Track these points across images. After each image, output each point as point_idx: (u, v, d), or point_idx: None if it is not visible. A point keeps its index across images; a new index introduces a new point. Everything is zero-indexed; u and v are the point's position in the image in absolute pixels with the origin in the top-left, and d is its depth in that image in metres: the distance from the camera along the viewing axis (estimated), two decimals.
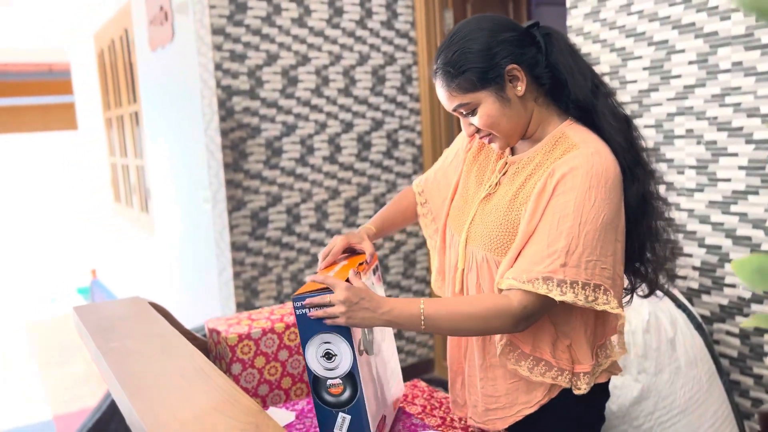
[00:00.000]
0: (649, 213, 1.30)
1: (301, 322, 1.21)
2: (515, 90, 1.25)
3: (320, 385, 1.25)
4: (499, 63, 1.23)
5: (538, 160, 1.28)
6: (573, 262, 1.16)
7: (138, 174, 4.99)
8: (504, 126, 1.27)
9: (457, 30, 1.27)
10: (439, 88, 1.28)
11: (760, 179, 1.99)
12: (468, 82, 1.23)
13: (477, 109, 1.26)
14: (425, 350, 3.73)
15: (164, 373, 1.15)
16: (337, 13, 3.27)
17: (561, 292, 1.16)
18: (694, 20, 2.10)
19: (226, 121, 3.04)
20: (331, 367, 1.23)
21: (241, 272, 3.14)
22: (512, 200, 1.28)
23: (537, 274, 1.17)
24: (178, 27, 3.46)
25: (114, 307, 1.64)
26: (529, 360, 1.28)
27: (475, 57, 1.23)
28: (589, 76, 1.28)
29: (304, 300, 1.20)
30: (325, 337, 1.21)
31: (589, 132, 1.26)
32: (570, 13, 2.52)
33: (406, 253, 3.61)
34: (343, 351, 1.22)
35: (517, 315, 1.18)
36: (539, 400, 1.30)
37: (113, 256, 6.39)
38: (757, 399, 2.07)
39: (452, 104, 1.27)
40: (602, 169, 1.19)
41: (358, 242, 1.44)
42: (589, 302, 1.18)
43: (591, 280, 1.17)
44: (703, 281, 2.19)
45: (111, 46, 5.21)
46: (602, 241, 1.18)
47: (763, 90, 1.94)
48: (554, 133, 1.28)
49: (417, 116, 3.56)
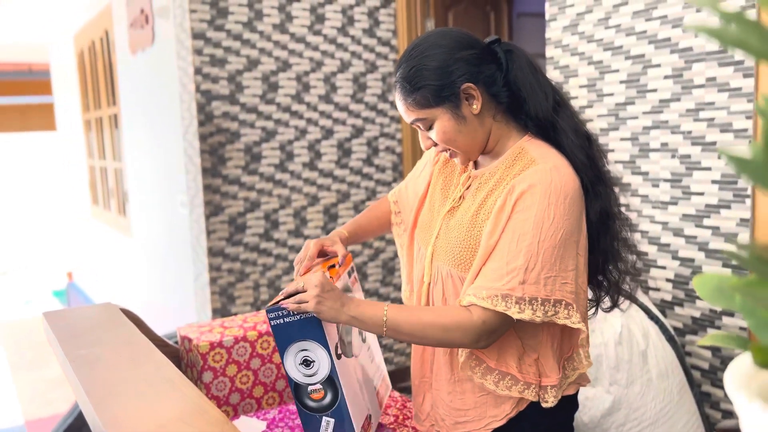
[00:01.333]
0: (611, 229, 1.30)
1: (277, 332, 1.22)
2: (471, 108, 1.26)
3: (302, 392, 1.26)
4: (455, 81, 1.23)
5: (498, 175, 1.28)
6: (532, 279, 1.17)
7: (116, 177, 4.94)
8: (460, 143, 1.28)
9: (416, 45, 1.27)
10: (398, 101, 1.30)
11: (732, 194, 2.01)
12: (423, 98, 1.24)
13: (433, 125, 1.27)
14: (402, 358, 3.72)
15: (131, 381, 1.13)
16: (318, 20, 3.27)
17: (519, 309, 1.16)
18: (669, 35, 2.13)
19: (205, 126, 3.03)
20: (311, 374, 1.24)
21: (218, 278, 3.12)
22: (474, 216, 1.29)
23: (496, 291, 1.17)
24: (158, 30, 3.44)
25: (84, 314, 1.62)
26: (495, 374, 1.28)
27: (431, 74, 1.23)
28: (551, 93, 1.29)
29: (278, 310, 1.20)
30: (301, 345, 1.23)
31: (548, 147, 1.26)
32: (549, 25, 2.54)
33: (385, 261, 3.61)
34: (320, 357, 1.23)
35: (477, 329, 1.19)
36: (508, 413, 1.30)
37: (90, 259, 6.31)
38: (728, 411, 2.09)
39: (409, 118, 1.29)
40: (561, 185, 1.19)
41: (330, 245, 1.44)
42: (549, 317, 1.18)
43: (551, 296, 1.17)
44: (676, 293, 2.21)
45: (91, 47, 5.17)
46: (561, 256, 1.18)
47: (736, 106, 1.97)
48: (514, 148, 1.29)
49: (397, 124, 3.56)
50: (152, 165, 3.88)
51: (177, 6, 3.06)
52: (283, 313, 1.21)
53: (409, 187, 1.57)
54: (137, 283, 4.62)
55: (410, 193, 1.56)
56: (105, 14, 4.51)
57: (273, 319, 1.21)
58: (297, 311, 1.22)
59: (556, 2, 2.50)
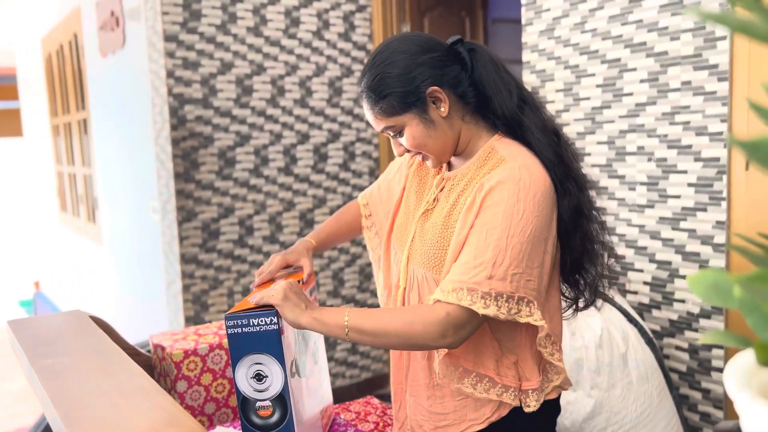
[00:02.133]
0: (583, 227, 1.29)
1: (233, 341, 1.18)
2: (439, 111, 1.25)
3: (249, 407, 1.21)
4: (419, 87, 1.22)
5: (470, 176, 1.28)
6: (499, 275, 1.15)
7: (86, 183, 4.84)
8: (431, 146, 1.27)
9: (378, 52, 1.27)
10: (365, 110, 1.29)
11: (708, 196, 2.02)
12: (390, 106, 1.23)
13: (403, 131, 1.26)
14: (379, 365, 3.69)
15: (102, 391, 1.09)
16: (293, 23, 3.24)
17: (484, 304, 1.14)
18: (645, 40, 2.14)
19: (177, 130, 2.97)
20: (261, 389, 1.20)
21: (191, 285, 3.06)
22: (447, 217, 1.28)
23: (462, 285, 1.15)
24: (129, 33, 3.37)
25: (52, 322, 1.56)
26: (472, 376, 1.26)
27: (395, 81, 1.22)
28: (515, 91, 1.27)
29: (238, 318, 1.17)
30: (256, 357, 1.19)
31: (518, 145, 1.26)
32: (525, 30, 2.54)
33: (362, 267, 3.57)
34: (274, 373, 1.19)
35: (441, 322, 1.15)
36: (488, 417, 1.28)
37: (58, 268, 6.17)
38: (706, 413, 2.10)
39: (379, 126, 1.28)
40: (530, 182, 1.18)
41: (295, 260, 1.42)
42: (512, 315, 1.16)
43: (515, 292, 1.16)
44: (653, 296, 2.21)
45: (59, 51, 5.06)
46: (529, 253, 1.17)
47: (711, 109, 1.99)
48: (485, 148, 1.28)
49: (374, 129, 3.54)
50: (123, 170, 3.80)
51: (149, 8, 3.01)
52: (243, 322, 1.18)
53: (381, 190, 1.55)
54: (107, 291, 4.52)
55: (383, 196, 1.55)
56: (73, 17, 4.42)
57: (231, 327, 1.18)
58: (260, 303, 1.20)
59: (533, 7, 2.50)
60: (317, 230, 1.54)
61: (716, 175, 2.00)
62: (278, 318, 1.17)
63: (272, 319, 1.16)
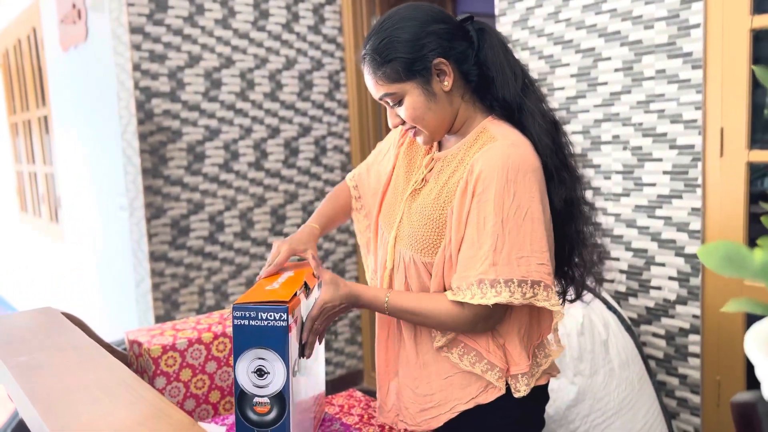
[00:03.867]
0: (576, 217, 1.29)
1: (238, 333, 1.14)
2: (442, 84, 1.23)
3: (246, 402, 1.17)
4: (427, 55, 1.20)
5: (460, 156, 1.26)
6: (503, 260, 1.14)
7: (47, 182, 4.70)
8: (429, 120, 1.24)
9: (388, 17, 1.24)
10: (367, 75, 1.25)
11: (683, 183, 2.04)
12: (394, 72, 1.21)
13: (403, 101, 1.23)
14: (354, 361, 3.66)
15: (81, 387, 1.03)
16: (262, 15, 3.19)
17: (496, 292, 1.14)
18: (619, 29, 2.15)
19: (144, 125, 2.89)
20: (262, 385, 1.16)
21: (161, 284, 2.98)
22: (436, 199, 1.26)
23: (471, 280, 1.16)
24: (92, 25, 3.28)
25: (22, 319, 1.49)
26: (461, 346, 1.26)
27: (403, 47, 1.20)
28: (520, 75, 1.27)
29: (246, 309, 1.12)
30: (260, 352, 1.14)
31: (510, 127, 1.25)
32: (499, 20, 2.54)
33: (335, 263, 3.54)
34: (276, 370, 1.14)
35: (470, 320, 1.21)
36: (473, 397, 1.27)
37: (18, 269, 5.99)
38: (683, 398, 2.12)
39: (378, 93, 1.25)
40: (519, 161, 1.17)
41: (303, 250, 1.37)
42: (527, 299, 1.15)
43: (527, 276, 1.15)
44: (630, 284, 2.23)
45: (17, 46, 4.91)
46: (530, 235, 1.16)
47: (685, 97, 2.00)
48: (476, 129, 1.27)
49: (345, 123, 3.51)
50: (88, 167, 3.70)
51: None
52: (251, 314, 1.13)
53: (371, 171, 1.52)
54: (72, 292, 4.39)
55: (372, 177, 1.52)
56: (32, 10, 4.29)
57: (238, 318, 1.13)
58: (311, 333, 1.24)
59: None
60: (318, 214, 1.49)
61: (691, 162, 2.02)
62: (287, 314, 1.13)
63: (281, 315, 1.12)
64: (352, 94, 3.47)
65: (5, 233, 6.35)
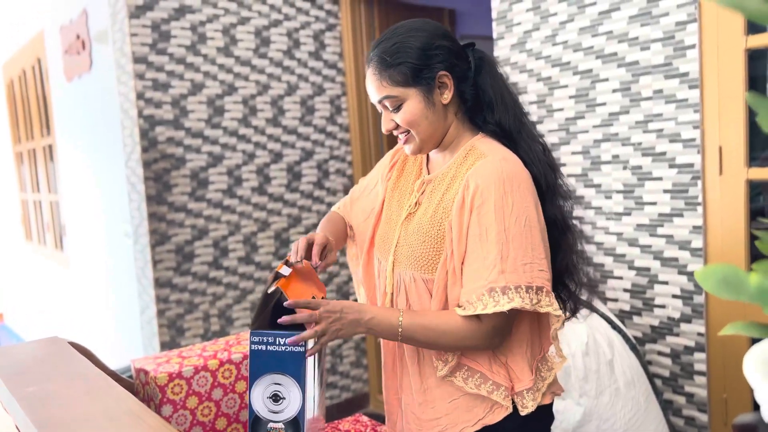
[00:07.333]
0: (566, 239, 1.34)
1: (255, 358, 1.15)
2: (441, 97, 1.28)
3: (260, 427, 1.18)
4: (434, 66, 1.26)
5: (452, 174, 1.30)
6: (510, 267, 1.18)
7: (52, 210, 4.73)
8: (423, 127, 1.28)
9: (401, 25, 1.30)
10: (371, 76, 1.29)
11: (683, 202, 2.06)
12: (401, 75, 1.25)
13: (402, 105, 1.27)
14: (360, 384, 3.65)
15: (89, 417, 1.04)
16: (264, 42, 3.23)
17: (508, 299, 1.17)
18: (616, 50, 2.18)
19: (148, 152, 2.92)
20: (277, 410, 1.17)
21: (166, 310, 2.99)
22: (432, 216, 1.29)
23: (482, 290, 1.18)
24: (96, 56, 3.32)
25: (29, 349, 1.50)
26: (464, 370, 1.28)
27: (413, 53, 1.25)
28: (519, 105, 1.34)
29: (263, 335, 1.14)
30: (276, 378, 1.15)
31: (498, 144, 1.30)
32: (497, 44, 2.57)
33: (339, 285, 3.54)
34: (292, 395, 1.15)
35: (489, 333, 1.21)
36: (480, 418, 1.28)
37: (24, 299, 6.00)
38: (690, 417, 2.11)
39: (380, 95, 1.28)
40: (512, 174, 1.22)
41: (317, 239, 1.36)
42: (534, 305, 1.19)
43: (532, 282, 1.18)
44: (634, 303, 2.23)
45: (22, 76, 4.97)
46: (532, 243, 1.20)
47: (683, 116, 2.02)
48: (465, 146, 1.31)
49: (347, 146, 3.53)
50: (92, 195, 3.72)
51: (117, 30, 2.97)
52: (269, 340, 1.14)
53: (355, 206, 1.56)
54: (78, 321, 4.40)
55: (355, 210, 1.55)
56: (36, 41, 4.35)
57: (255, 343, 1.15)
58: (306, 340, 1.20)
59: (503, 21, 2.53)
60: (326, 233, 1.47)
61: (691, 181, 2.03)
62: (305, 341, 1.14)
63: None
64: (353, 117, 3.50)
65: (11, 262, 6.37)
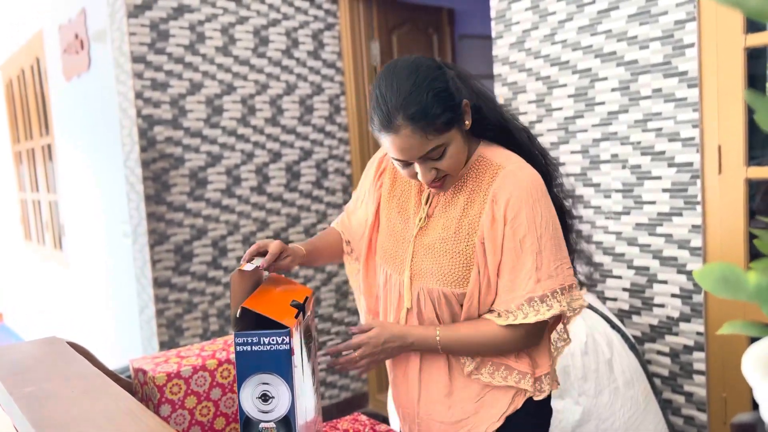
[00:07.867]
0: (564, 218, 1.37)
1: (241, 360, 1.14)
2: (465, 124, 1.26)
3: (251, 428, 1.17)
4: (460, 101, 1.23)
5: (470, 187, 1.29)
6: (545, 276, 1.21)
7: (51, 209, 4.72)
8: (462, 162, 1.27)
9: (413, 72, 1.20)
10: (407, 139, 1.18)
11: (683, 201, 2.05)
12: (444, 123, 1.19)
13: (446, 150, 1.22)
14: (359, 384, 3.64)
15: (88, 417, 1.04)
16: (262, 42, 3.23)
17: (548, 307, 1.20)
18: (615, 49, 2.17)
19: (147, 152, 2.92)
20: (267, 410, 1.16)
21: (165, 309, 2.99)
22: (457, 231, 1.28)
23: (521, 300, 1.22)
24: (95, 55, 3.32)
25: (27, 349, 1.50)
26: (489, 365, 1.30)
27: (446, 97, 1.20)
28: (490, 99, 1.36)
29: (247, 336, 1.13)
30: (264, 377, 1.14)
31: (502, 148, 1.31)
32: (496, 43, 2.57)
33: (338, 285, 3.54)
34: (281, 394, 1.15)
35: (524, 337, 1.26)
36: (504, 412, 1.32)
37: (23, 298, 5.99)
38: (689, 416, 2.11)
39: (426, 148, 1.20)
40: (532, 180, 1.24)
41: (269, 245, 1.38)
42: (568, 304, 1.24)
43: (564, 283, 1.23)
44: (633, 302, 2.23)
45: (20, 76, 4.96)
46: (558, 244, 1.24)
47: (682, 115, 2.02)
48: (473, 158, 1.31)
49: (346, 146, 3.53)
50: (91, 195, 3.72)
51: (115, 29, 2.96)
52: (253, 340, 1.14)
53: (352, 219, 1.57)
54: (77, 320, 4.40)
55: (353, 223, 1.56)
56: (35, 41, 4.34)
57: (240, 345, 1.14)
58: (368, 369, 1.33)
59: (502, 20, 2.53)
60: (308, 242, 1.52)
61: (690, 180, 2.03)
62: (290, 338, 1.13)
63: (284, 339, 1.12)
64: (352, 117, 3.50)
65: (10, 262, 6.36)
